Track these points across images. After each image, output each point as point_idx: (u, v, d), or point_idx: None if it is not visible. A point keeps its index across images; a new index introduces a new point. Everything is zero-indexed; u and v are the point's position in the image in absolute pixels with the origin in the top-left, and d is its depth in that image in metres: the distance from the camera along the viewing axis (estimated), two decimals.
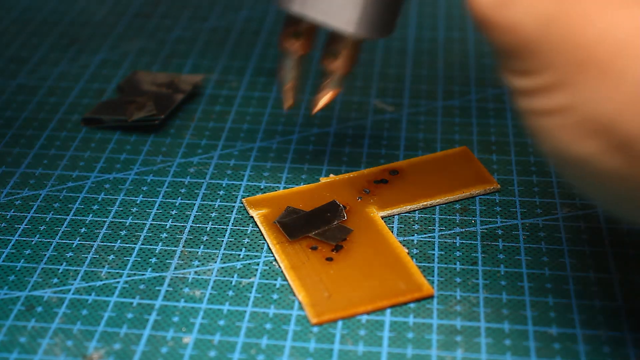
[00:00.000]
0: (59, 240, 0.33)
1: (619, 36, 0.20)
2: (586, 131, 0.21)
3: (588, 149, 0.21)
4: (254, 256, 0.32)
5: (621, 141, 0.20)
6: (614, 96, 0.20)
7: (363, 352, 0.28)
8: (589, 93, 0.21)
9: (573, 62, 0.21)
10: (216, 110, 0.41)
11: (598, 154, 0.21)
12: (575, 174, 0.22)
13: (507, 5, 0.22)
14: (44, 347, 0.28)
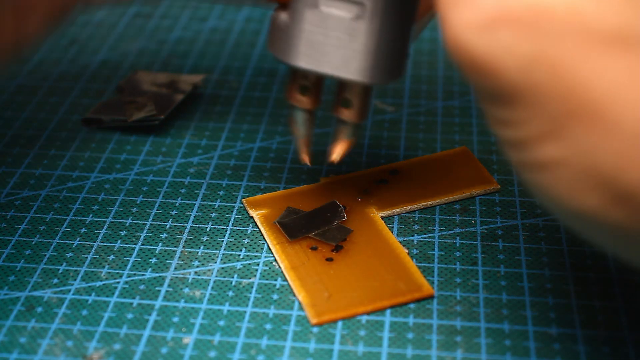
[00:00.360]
0: (59, 241, 0.33)
1: (608, 82, 0.19)
2: (584, 185, 0.20)
3: (588, 203, 0.20)
4: (254, 256, 0.32)
5: (623, 194, 0.19)
6: (611, 147, 0.19)
7: (363, 353, 0.28)
8: (582, 144, 0.19)
9: (561, 111, 0.20)
10: (216, 110, 0.41)
11: (599, 208, 0.20)
12: (581, 226, 0.21)
13: (487, 41, 0.21)
14: (44, 348, 0.28)
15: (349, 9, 0.28)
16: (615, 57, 0.19)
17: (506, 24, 0.20)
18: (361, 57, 0.28)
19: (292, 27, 0.28)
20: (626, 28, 0.19)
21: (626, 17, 0.19)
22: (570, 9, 0.20)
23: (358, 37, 0.28)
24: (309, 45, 0.28)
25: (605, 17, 0.19)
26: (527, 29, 0.20)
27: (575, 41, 0.19)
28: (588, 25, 0.19)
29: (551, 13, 0.20)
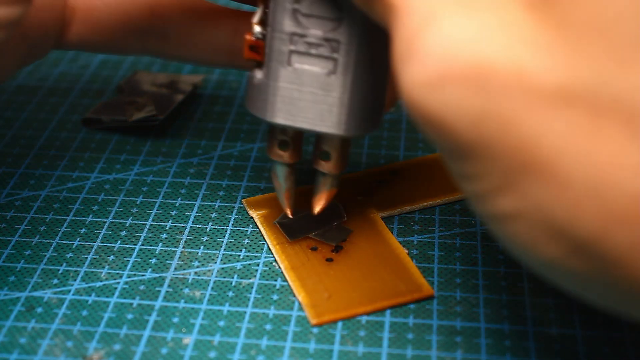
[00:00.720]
0: (59, 241, 0.33)
1: (554, 138, 0.19)
2: (541, 237, 0.20)
3: (547, 254, 0.20)
4: (254, 257, 0.32)
5: (579, 245, 0.20)
6: (564, 200, 0.19)
7: (363, 353, 0.28)
8: (536, 198, 0.20)
9: (513, 166, 0.20)
10: (216, 110, 0.41)
11: (558, 258, 0.20)
12: (547, 273, 0.21)
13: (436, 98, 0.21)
14: (44, 348, 0.28)
15: (322, 65, 0.28)
16: (559, 112, 0.19)
17: (453, 81, 0.20)
18: (336, 110, 0.29)
19: (268, 85, 0.29)
20: (569, 83, 0.20)
21: (569, 71, 0.20)
22: (514, 66, 0.20)
23: (332, 92, 0.28)
24: (285, 101, 0.29)
25: (549, 73, 0.20)
26: (472, 87, 0.20)
27: (519, 98, 0.20)
28: (531, 82, 0.20)
29: (495, 70, 0.20)
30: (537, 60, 0.20)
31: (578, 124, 0.19)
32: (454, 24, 0.21)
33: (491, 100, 0.20)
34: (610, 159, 0.19)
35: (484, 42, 0.20)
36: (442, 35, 0.21)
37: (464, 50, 0.20)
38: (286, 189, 0.32)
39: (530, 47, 0.20)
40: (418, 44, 0.21)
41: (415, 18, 0.22)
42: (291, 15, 0.28)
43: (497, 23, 0.21)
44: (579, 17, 0.20)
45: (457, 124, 0.21)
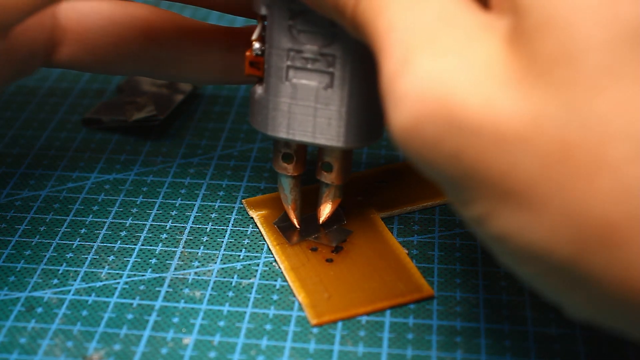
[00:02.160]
0: (59, 241, 0.33)
1: (528, 169, 0.20)
2: (524, 258, 0.21)
3: (531, 272, 0.22)
4: (254, 257, 0.32)
5: (557, 267, 0.20)
6: (541, 227, 0.20)
7: (363, 353, 0.28)
8: (516, 224, 0.21)
9: (493, 196, 0.21)
10: (216, 110, 0.41)
11: (541, 277, 0.21)
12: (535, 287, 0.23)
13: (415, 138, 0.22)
14: (44, 348, 0.28)
15: (319, 79, 0.29)
16: (530, 145, 0.20)
17: (427, 122, 0.21)
18: (335, 123, 0.29)
19: (268, 100, 0.30)
20: (539, 116, 0.20)
21: (539, 104, 0.20)
22: (484, 104, 0.21)
23: (330, 105, 0.29)
24: (284, 115, 0.30)
25: (518, 108, 0.20)
26: (446, 127, 0.21)
27: (491, 135, 0.21)
28: (501, 119, 0.20)
29: (466, 110, 0.21)
30: (507, 96, 0.21)
31: (549, 155, 0.20)
32: (426, 66, 0.22)
33: (464, 138, 0.21)
34: (581, 186, 0.19)
35: (455, 82, 0.21)
36: (415, 79, 0.22)
37: (435, 91, 0.21)
38: (292, 200, 0.32)
39: (501, 83, 0.21)
40: (395, 87, 0.22)
41: (393, 60, 0.22)
42: (287, 32, 0.28)
43: (469, 62, 0.21)
44: (548, 50, 0.20)
45: (436, 161, 0.22)
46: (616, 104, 0.19)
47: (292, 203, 0.32)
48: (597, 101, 0.20)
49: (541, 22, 0.21)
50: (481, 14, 0.22)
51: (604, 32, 0.20)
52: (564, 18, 0.20)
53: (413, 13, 0.23)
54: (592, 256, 0.20)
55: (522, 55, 0.21)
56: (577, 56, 0.20)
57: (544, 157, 0.20)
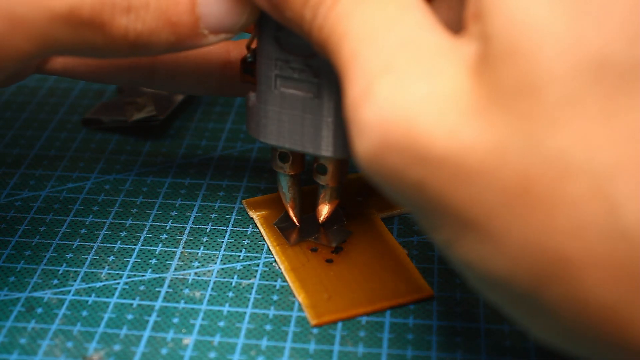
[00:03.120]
0: (59, 241, 0.33)
1: (489, 201, 0.20)
2: (487, 286, 0.21)
3: (495, 300, 0.22)
4: (254, 257, 0.32)
5: (518, 296, 0.20)
6: (501, 257, 0.20)
7: (363, 354, 0.28)
8: (476, 253, 0.21)
9: (456, 225, 0.21)
10: (216, 111, 0.41)
11: (504, 305, 0.21)
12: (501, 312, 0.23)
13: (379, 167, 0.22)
14: (44, 349, 0.28)
15: (306, 89, 0.29)
16: (492, 177, 0.20)
17: (391, 152, 0.21)
18: (323, 133, 0.29)
19: (259, 107, 0.30)
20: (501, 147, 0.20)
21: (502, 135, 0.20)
22: (446, 135, 0.20)
23: (318, 115, 0.29)
24: (275, 123, 0.30)
25: (481, 139, 0.20)
26: (409, 157, 0.21)
27: (453, 166, 0.20)
28: (464, 150, 0.20)
29: (428, 141, 0.21)
30: (471, 127, 0.20)
31: (509, 188, 0.20)
32: (388, 94, 0.21)
33: (427, 169, 0.21)
34: (542, 220, 0.19)
35: (418, 112, 0.21)
36: (377, 107, 0.21)
37: (398, 121, 0.21)
38: (290, 198, 0.32)
39: (465, 113, 0.20)
40: (358, 115, 0.22)
41: (355, 87, 0.22)
42: (275, 42, 0.28)
43: (432, 91, 0.21)
44: (513, 79, 0.20)
45: (400, 190, 0.22)
46: (577, 139, 0.19)
47: (290, 201, 0.32)
48: (558, 135, 0.19)
49: (506, 50, 0.20)
50: (449, 39, 0.22)
51: (568, 63, 0.19)
52: (528, 48, 0.20)
53: (376, 39, 0.22)
54: (550, 288, 0.20)
55: (486, 83, 0.20)
56: (540, 87, 0.19)
57: (504, 190, 0.20)
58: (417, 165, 0.21)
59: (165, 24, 0.26)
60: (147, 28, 0.26)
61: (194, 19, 0.26)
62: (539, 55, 0.20)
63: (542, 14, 0.20)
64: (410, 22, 0.22)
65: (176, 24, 0.26)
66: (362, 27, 0.23)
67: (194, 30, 0.26)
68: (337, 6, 0.23)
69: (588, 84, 0.19)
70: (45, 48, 0.26)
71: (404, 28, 0.22)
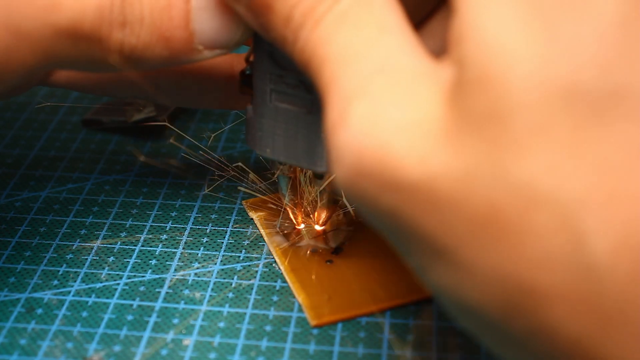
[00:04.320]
0: (59, 242, 0.33)
1: (458, 230, 0.20)
2: (459, 313, 0.21)
3: (468, 327, 0.22)
4: (254, 258, 0.32)
5: (487, 324, 0.20)
6: (470, 286, 0.20)
7: (363, 354, 0.28)
8: (448, 281, 0.21)
9: (427, 252, 0.21)
10: (216, 111, 0.41)
11: (477, 332, 0.21)
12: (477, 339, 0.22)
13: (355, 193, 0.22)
14: (44, 349, 0.28)
15: (300, 104, 0.29)
16: (461, 206, 0.20)
17: (364, 179, 0.21)
18: (317, 149, 0.29)
19: (255, 120, 0.30)
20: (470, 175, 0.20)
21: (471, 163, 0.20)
22: (418, 163, 0.20)
23: (312, 130, 0.29)
24: (270, 136, 0.30)
25: (450, 167, 0.20)
26: (381, 184, 0.21)
27: (424, 194, 0.20)
28: (434, 178, 0.20)
29: (401, 168, 0.20)
30: (441, 154, 0.20)
31: (476, 216, 0.20)
32: (363, 119, 0.21)
33: (399, 195, 0.21)
34: (509, 249, 0.19)
35: (390, 139, 0.21)
36: (351, 132, 0.21)
37: (370, 148, 0.21)
38: (290, 199, 0.32)
39: (436, 140, 0.20)
40: (334, 139, 0.22)
41: (333, 111, 0.22)
42: (269, 56, 0.28)
43: (405, 116, 0.21)
44: (483, 106, 0.20)
45: (375, 215, 0.21)
46: (544, 168, 0.19)
47: (290, 202, 0.32)
48: (525, 164, 0.19)
49: (477, 76, 0.20)
50: (428, 63, 0.22)
51: (537, 91, 0.19)
52: (497, 74, 0.19)
53: (353, 62, 0.22)
54: (518, 319, 0.19)
55: (458, 109, 0.20)
56: (508, 115, 0.19)
57: (472, 218, 0.20)
58: (390, 191, 0.21)
59: (159, 38, 0.26)
60: (142, 42, 0.26)
61: (187, 34, 0.26)
62: (508, 81, 0.19)
63: (513, 39, 0.20)
64: (389, 45, 0.22)
65: (170, 39, 0.26)
66: (341, 51, 0.22)
67: (188, 45, 0.26)
68: (317, 29, 0.23)
69: (557, 112, 0.19)
70: (48, 62, 0.26)
71: (382, 51, 0.22)
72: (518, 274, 0.19)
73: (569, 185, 0.19)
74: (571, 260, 0.19)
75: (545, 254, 0.19)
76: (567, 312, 0.19)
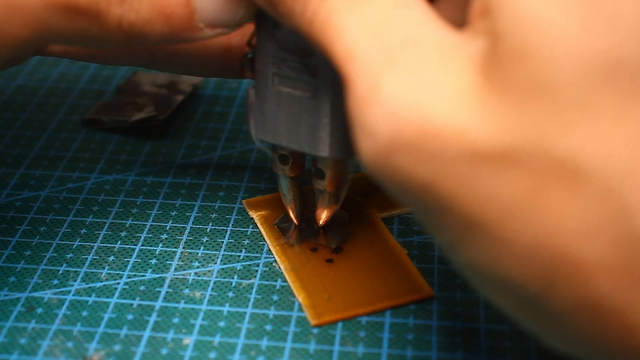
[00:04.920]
0: (59, 242, 0.33)
1: (500, 200, 0.20)
2: (493, 289, 0.21)
3: (501, 303, 0.21)
4: (254, 257, 0.32)
5: (525, 299, 0.20)
6: (509, 259, 0.20)
7: (363, 354, 0.28)
8: (484, 255, 0.20)
9: (463, 225, 0.20)
10: (216, 111, 0.41)
11: (510, 308, 0.21)
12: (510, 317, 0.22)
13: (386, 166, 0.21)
14: (44, 349, 0.28)
15: (303, 88, 0.28)
16: (503, 176, 0.20)
17: (400, 150, 0.21)
18: (320, 134, 0.29)
19: (258, 105, 0.29)
20: (513, 146, 0.20)
21: (514, 134, 0.20)
22: (458, 131, 0.20)
23: (314, 115, 0.29)
24: (272, 121, 0.29)
25: (493, 136, 0.20)
26: (419, 155, 0.21)
27: (464, 164, 0.20)
28: (476, 147, 0.20)
29: (440, 137, 0.20)
30: (481, 122, 0.20)
31: (522, 187, 0.19)
32: (398, 90, 0.21)
33: (438, 167, 0.20)
34: (552, 222, 0.19)
35: (429, 109, 0.20)
36: (386, 106, 0.21)
37: (408, 119, 0.21)
38: (290, 199, 0.32)
39: (475, 109, 0.20)
40: (364, 115, 0.21)
41: (359, 86, 0.22)
42: (272, 39, 0.28)
43: (442, 85, 0.21)
44: (524, 79, 0.20)
45: (407, 190, 0.21)
46: (588, 141, 0.19)
47: (291, 203, 0.32)
48: (570, 136, 0.19)
49: (516, 50, 0.20)
50: (452, 35, 0.22)
51: (579, 64, 0.19)
52: (539, 48, 0.19)
53: (376, 35, 0.22)
54: (559, 291, 0.19)
55: (496, 82, 0.20)
56: (551, 88, 0.19)
57: (514, 191, 0.20)
58: (427, 164, 0.20)
59: (159, 15, 0.26)
60: (141, 18, 0.26)
61: (188, 11, 0.26)
62: (550, 56, 0.19)
63: (553, 14, 0.20)
64: (410, 19, 0.22)
65: (170, 16, 0.26)
66: (359, 24, 0.22)
67: (189, 23, 0.26)
68: (326, 1, 0.23)
69: (600, 85, 0.19)
70: (42, 36, 0.26)
71: (405, 24, 0.22)
72: (561, 247, 0.19)
73: (613, 158, 0.19)
74: (616, 232, 0.19)
75: (589, 226, 0.19)
76: (611, 284, 0.19)
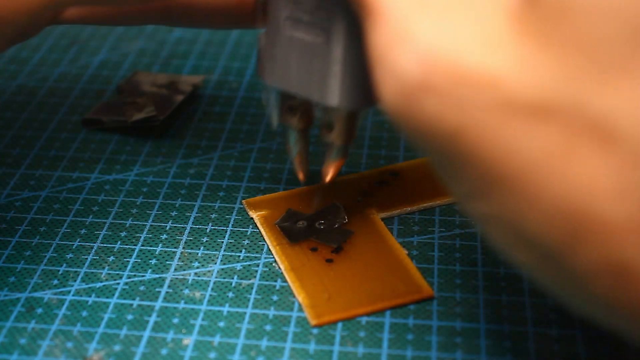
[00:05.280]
0: (59, 242, 0.33)
1: (529, 152, 0.19)
2: (513, 243, 0.21)
3: (520, 258, 0.21)
4: (254, 257, 0.32)
5: (547, 256, 0.20)
6: (532, 214, 0.20)
7: (363, 354, 0.28)
8: (508, 207, 0.20)
9: (488, 175, 0.20)
10: (216, 111, 0.41)
11: (530, 264, 0.21)
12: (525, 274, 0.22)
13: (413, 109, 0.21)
14: (44, 349, 0.28)
15: (316, 33, 0.28)
16: (535, 128, 0.19)
17: (430, 93, 0.20)
18: (330, 81, 0.28)
19: (268, 50, 0.29)
20: (547, 99, 0.19)
21: (549, 87, 0.19)
22: (491, 77, 0.20)
23: (325, 62, 0.28)
24: (282, 67, 0.29)
25: (527, 86, 0.19)
26: (449, 99, 0.20)
27: (495, 112, 0.20)
28: (508, 95, 0.20)
29: (472, 81, 0.20)
30: (516, 72, 0.20)
31: (553, 142, 0.19)
32: (430, 32, 0.20)
33: (467, 114, 0.20)
34: (581, 180, 0.19)
35: (462, 51, 0.20)
36: (417, 48, 0.20)
37: (440, 60, 0.20)
38: (296, 153, 0.32)
39: (510, 58, 0.20)
40: (391, 58, 0.21)
41: (386, 29, 0.21)
42: None
43: (476, 32, 0.20)
44: (564, 34, 0.19)
45: (432, 137, 0.21)
46: (624, 103, 0.19)
47: (296, 156, 0.32)
48: (606, 96, 0.19)
49: (557, 6, 0.20)
50: None
51: (624, 24, 0.19)
52: (585, 3, 0.19)
53: None
54: (584, 249, 0.19)
55: (534, 33, 0.20)
56: (595, 46, 0.19)
57: (548, 143, 0.19)
58: (457, 110, 0.20)
59: None
60: None
61: None
62: (596, 12, 0.19)
63: None
64: None
65: None
66: None
67: None
68: None
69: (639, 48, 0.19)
70: None
71: None
72: (588, 206, 0.19)
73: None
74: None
75: (619, 188, 0.19)
76: (637, 247, 0.19)
